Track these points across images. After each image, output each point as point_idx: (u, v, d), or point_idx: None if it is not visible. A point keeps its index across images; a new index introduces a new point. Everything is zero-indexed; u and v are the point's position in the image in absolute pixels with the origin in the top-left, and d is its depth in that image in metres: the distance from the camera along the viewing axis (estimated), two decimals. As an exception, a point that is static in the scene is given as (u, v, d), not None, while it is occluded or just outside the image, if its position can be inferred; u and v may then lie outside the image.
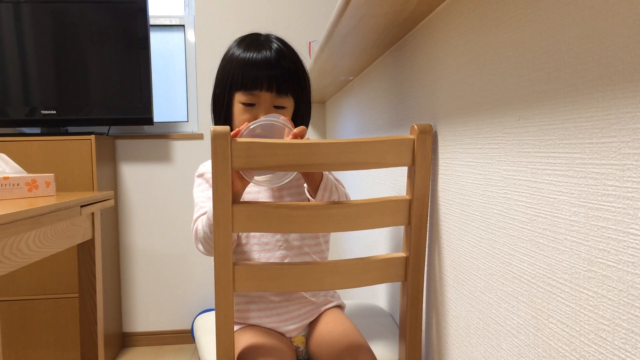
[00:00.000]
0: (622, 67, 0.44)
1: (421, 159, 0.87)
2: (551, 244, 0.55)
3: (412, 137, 0.87)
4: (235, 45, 1.01)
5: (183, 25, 2.41)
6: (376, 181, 1.39)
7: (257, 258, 1.00)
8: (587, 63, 0.49)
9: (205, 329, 1.13)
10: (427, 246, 0.92)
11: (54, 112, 2.08)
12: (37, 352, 2.02)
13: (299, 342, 1.02)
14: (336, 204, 0.84)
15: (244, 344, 0.93)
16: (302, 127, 0.86)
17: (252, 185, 0.91)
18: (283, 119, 0.88)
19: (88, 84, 2.11)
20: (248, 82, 0.96)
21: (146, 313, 2.41)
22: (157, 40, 2.41)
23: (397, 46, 1.15)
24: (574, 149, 0.51)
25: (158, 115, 2.40)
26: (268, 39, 1.00)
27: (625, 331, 0.44)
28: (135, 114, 2.14)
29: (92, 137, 2.01)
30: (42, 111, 2.07)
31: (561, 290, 0.53)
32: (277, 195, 1.03)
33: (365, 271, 0.88)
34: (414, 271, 0.90)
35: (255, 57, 0.96)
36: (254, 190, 1.02)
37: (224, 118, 1.01)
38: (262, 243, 1.01)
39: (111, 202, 1.37)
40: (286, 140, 0.82)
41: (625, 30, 0.43)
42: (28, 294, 2.00)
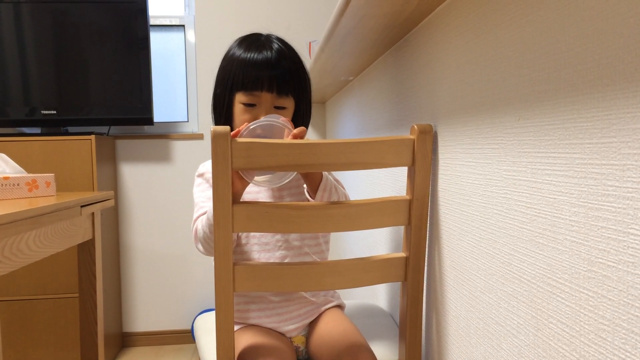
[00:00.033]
0: (622, 67, 0.44)
1: (421, 159, 0.87)
2: (551, 244, 0.55)
3: (412, 137, 0.87)
4: (236, 45, 1.01)
5: (183, 26, 2.41)
6: (376, 181, 1.39)
7: (257, 258, 1.00)
8: (587, 63, 0.49)
9: (205, 329, 1.13)
10: (427, 246, 0.92)
11: (54, 112, 2.08)
12: (37, 352, 2.02)
13: (299, 342, 1.02)
14: (336, 204, 0.84)
15: (244, 344, 0.93)
16: (302, 128, 0.86)
17: (252, 186, 0.91)
18: (283, 120, 0.88)
19: (88, 84, 2.11)
20: (249, 82, 0.96)
21: (146, 313, 2.41)
22: (157, 41, 2.41)
23: (397, 46, 1.15)
24: (574, 149, 0.51)
25: (158, 115, 2.40)
26: (269, 39, 1.00)
27: (625, 331, 0.44)
28: (135, 114, 2.14)
29: (92, 137, 2.01)
30: (42, 111, 2.07)
31: (561, 290, 0.53)
32: (277, 196, 1.03)
33: (365, 271, 0.88)
34: (414, 271, 0.90)
35: (256, 58, 0.96)
36: (254, 190, 1.02)
37: (224, 118, 1.01)
38: (262, 243, 1.01)
39: (111, 202, 1.37)
40: (286, 141, 0.82)
41: (626, 30, 0.43)
42: (28, 294, 2.00)
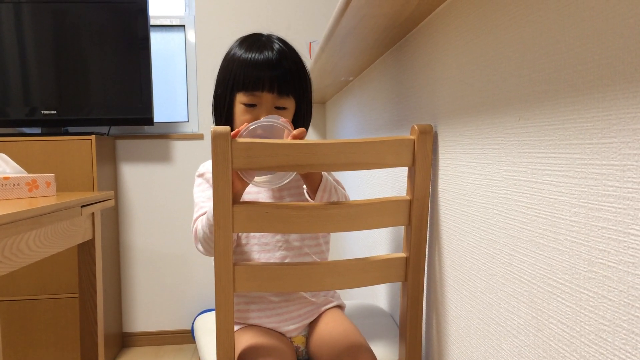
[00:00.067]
0: (622, 67, 0.44)
1: (421, 159, 0.87)
2: (551, 244, 0.55)
3: (412, 137, 0.87)
4: (237, 45, 1.01)
5: (183, 26, 2.41)
6: (376, 181, 1.39)
7: (257, 258, 1.00)
8: (587, 63, 0.49)
9: (206, 329, 1.13)
10: (427, 246, 0.92)
11: (54, 112, 2.08)
12: (37, 352, 2.02)
13: (299, 342, 1.02)
14: (336, 204, 0.84)
15: (244, 344, 0.93)
16: (302, 129, 0.86)
17: (252, 186, 0.91)
18: (283, 121, 0.88)
19: (88, 84, 2.11)
20: (249, 82, 0.96)
21: (146, 313, 2.41)
22: (157, 41, 2.41)
23: (397, 46, 1.15)
24: (574, 150, 0.51)
25: (158, 116, 2.40)
26: (270, 40, 1.00)
27: (626, 332, 0.44)
28: (135, 114, 2.14)
29: (93, 137, 2.01)
30: (42, 111, 2.07)
31: (561, 290, 0.53)
32: (278, 196, 1.03)
33: (366, 271, 0.88)
34: (414, 271, 0.90)
35: (256, 58, 0.96)
36: (254, 190, 1.02)
37: (225, 118, 1.01)
38: (262, 244, 1.01)
39: (111, 202, 1.37)
40: (286, 141, 0.82)
41: (626, 30, 0.43)
42: (28, 294, 2.00)
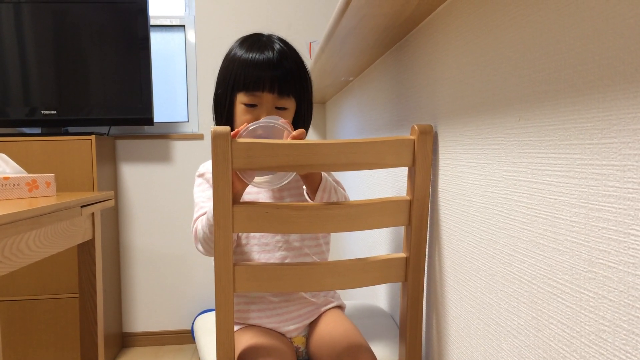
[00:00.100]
0: (622, 67, 0.44)
1: (421, 159, 0.87)
2: (552, 244, 0.55)
3: (412, 137, 0.87)
4: (238, 45, 1.01)
5: (183, 26, 2.41)
6: (376, 182, 1.38)
7: (257, 259, 1.00)
8: (587, 64, 0.49)
9: (205, 329, 1.13)
10: (427, 247, 0.92)
11: (54, 112, 2.08)
12: (37, 352, 2.02)
13: (299, 342, 1.02)
14: (336, 205, 0.84)
15: (244, 344, 0.93)
16: (301, 130, 0.86)
17: (252, 186, 0.91)
18: (282, 122, 0.88)
19: (88, 84, 2.11)
20: (250, 83, 0.96)
21: (146, 313, 2.41)
22: (157, 41, 2.41)
23: (397, 47, 1.15)
24: (574, 150, 0.51)
25: (158, 116, 2.40)
26: (270, 40, 1.00)
27: (626, 332, 0.44)
28: (135, 114, 2.14)
29: (93, 137, 2.01)
30: (42, 111, 2.07)
31: (562, 291, 0.53)
32: (278, 196, 1.03)
33: (366, 272, 0.88)
34: (414, 272, 0.90)
35: (257, 58, 0.96)
36: (254, 190, 1.02)
37: (225, 119, 1.01)
38: (262, 244, 1.01)
39: (111, 202, 1.37)
40: (287, 141, 0.81)
41: (626, 30, 0.43)
42: (28, 294, 2.00)
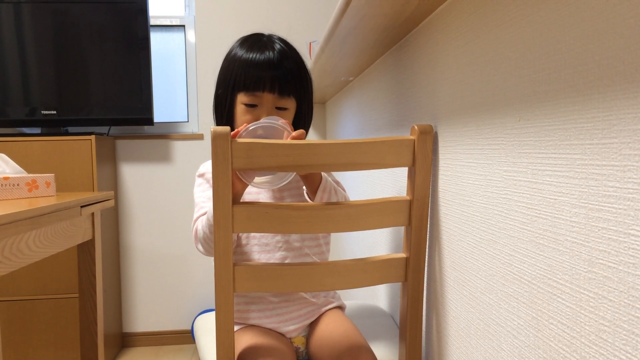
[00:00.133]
0: (622, 67, 0.44)
1: (421, 159, 0.87)
2: (552, 244, 0.55)
3: (412, 137, 0.87)
4: (238, 45, 1.01)
5: (183, 26, 2.41)
6: (376, 182, 1.38)
7: (257, 259, 1.00)
8: (587, 64, 0.49)
9: (205, 329, 1.13)
10: (427, 247, 0.92)
11: (54, 112, 2.08)
12: (37, 352, 2.02)
13: (299, 342, 1.02)
14: (336, 205, 0.84)
15: (244, 344, 0.93)
16: (301, 131, 0.86)
17: (252, 186, 0.91)
18: (283, 122, 0.88)
19: (88, 84, 2.11)
20: (250, 83, 0.95)
21: (146, 313, 2.41)
22: (157, 41, 2.41)
23: (397, 47, 1.15)
24: (574, 150, 0.51)
25: (158, 116, 2.40)
26: (271, 40, 1.00)
27: (626, 332, 0.44)
28: (135, 114, 2.14)
29: (93, 137, 2.01)
30: (42, 111, 2.07)
31: (562, 291, 0.53)
32: (278, 196, 1.03)
33: (366, 272, 0.88)
34: (414, 272, 0.90)
35: (257, 58, 0.96)
36: (255, 190, 1.02)
37: (226, 119, 1.01)
38: (262, 244, 1.01)
39: (111, 203, 1.37)
40: (287, 141, 0.81)
41: (626, 30, 0.43)
42: (28, 294, 2.00)
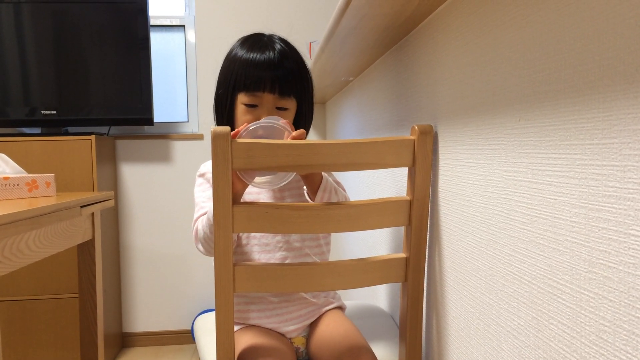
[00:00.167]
0: (623, 68, 0.44)
1: (421, 159, 0.87)
2: (552, 245, 0.55)
3: (412, 137, 0.87)
4: (238, 45, 1.01)
5: (183, 26, 2.41)
6: (376, 182, 1.38)
7: (257, 259, 1.00)
8: (588, 64, 0.49)
9: (205, 329, 1.13)
10: (427, 247, 0.92)
11: (54, 112, 2.08)
12: (37, 352, 2.02)
13: (299, 343, 1.02)
14: (337, 205, 0.84)
15: (244, 344, 0.93)
16: (301, 131, 0.86)
17: (252, 186, 0.91)
18: (283, 122, 0.88)
19: (88, 84, 2.11)
20: (251, 83, 0.95)
21: (146, 313, 2.41)
22: (157, 41, 2.41)
23: (397, 47, 1.15)
24: (574, 150, 0.51)
25: (158, 116, 2.40)
26: (271, 40, 1.00)
27: (626, 332, 0.44)
28: (135, 114, 2.14)
29: (92, 137, 2.01)
30: (42, 111, 2.07)
31: (562, 291, 0.53)
32: (278, 196, 1.03)
33: (366, 272, 0.88)
34: (414, 272, 0.90)
35: (258, 58, 0.96)
36: (255, 190, 1.02)
37: (226, 119, 1.01)
38: (262, 244, 1.01)
39: (111, 203, 1.37)
40: (287, 141, 0.81)
41: (626, 31, 0.43)
42: (28, 294, 2.00)
